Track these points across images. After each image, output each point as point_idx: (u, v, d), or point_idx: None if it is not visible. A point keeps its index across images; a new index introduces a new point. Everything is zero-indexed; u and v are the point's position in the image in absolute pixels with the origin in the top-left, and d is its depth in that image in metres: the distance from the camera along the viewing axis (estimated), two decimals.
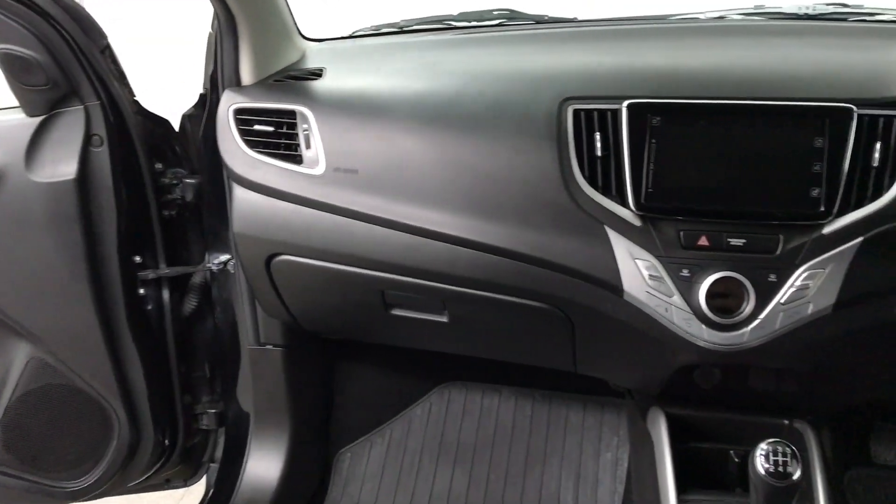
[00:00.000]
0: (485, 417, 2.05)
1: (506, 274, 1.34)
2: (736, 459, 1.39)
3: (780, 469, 1.08)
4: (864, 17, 1.60)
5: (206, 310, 1.81)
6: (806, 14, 1.63)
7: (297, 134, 1.43)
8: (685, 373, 1.36)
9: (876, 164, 1.20)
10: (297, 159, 1.43)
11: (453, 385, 2.11)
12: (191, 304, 1.77)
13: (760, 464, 1.09)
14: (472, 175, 1.33)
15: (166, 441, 1.76)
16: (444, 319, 1.50)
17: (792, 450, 1.09)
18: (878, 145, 1.20)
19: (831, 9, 1.65)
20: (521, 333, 1.52)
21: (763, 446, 1.10)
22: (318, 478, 2.01)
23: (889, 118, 1.21)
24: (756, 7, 1.70)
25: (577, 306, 1.35)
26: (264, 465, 1.86)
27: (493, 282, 1.37)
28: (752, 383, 1.36)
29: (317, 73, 1.54)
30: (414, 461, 2.01)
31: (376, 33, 1.78)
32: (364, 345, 1.98)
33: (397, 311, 1.54)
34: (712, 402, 1.44)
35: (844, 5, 1.67)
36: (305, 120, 1.43)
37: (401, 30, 1.77)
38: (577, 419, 2.02)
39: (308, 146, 1.42)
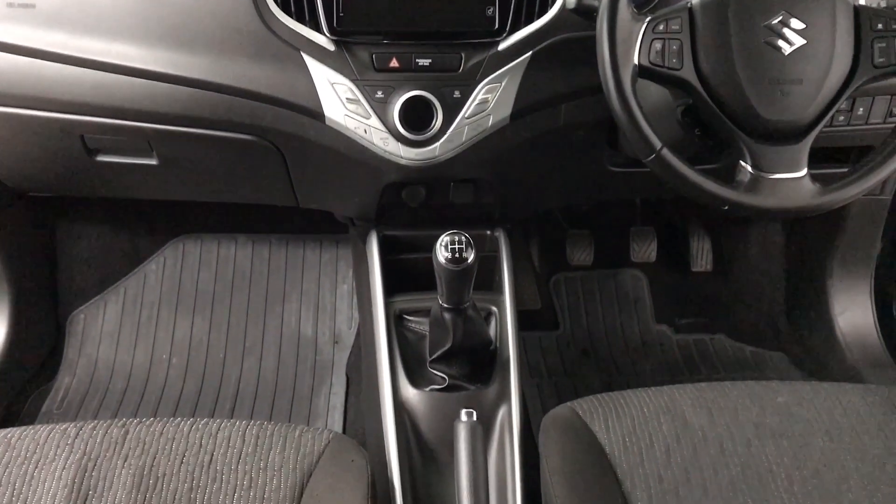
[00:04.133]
0: (222, 265, 2.07)
1: (208, 107, 1.33)
2: None
3: (457, 255, 1.19)
4: None
5: None
6: None
7: None
8: (394, 193, 1.45)
9: None
10: None
11: (187, 237, 2.09)
12: None
13: (441, 253, 1.20)
14: (162, 6, 1.29)
15: None
16: (154, 162, 1.48)
17: (466, 238, 1.21)
18: None
19: None
20: (237, 170, 1.53)
21: (443, 238, 1.20)
22: (51, 343, 1.96)
23: None
24: None
25: (283, 135, 1.37)
26: None
27: (196, 116, 1.35)
28: (453, 198, 1.48)
29: None
30: (152, 314, 2.00)
31: None
32: (86, 202, 1.90)
33: (103, 157, 1.48)
34: (424, 221, 1.56)
35: None
36: None
37: None
38: (314, 257, 2.09)
39: None
